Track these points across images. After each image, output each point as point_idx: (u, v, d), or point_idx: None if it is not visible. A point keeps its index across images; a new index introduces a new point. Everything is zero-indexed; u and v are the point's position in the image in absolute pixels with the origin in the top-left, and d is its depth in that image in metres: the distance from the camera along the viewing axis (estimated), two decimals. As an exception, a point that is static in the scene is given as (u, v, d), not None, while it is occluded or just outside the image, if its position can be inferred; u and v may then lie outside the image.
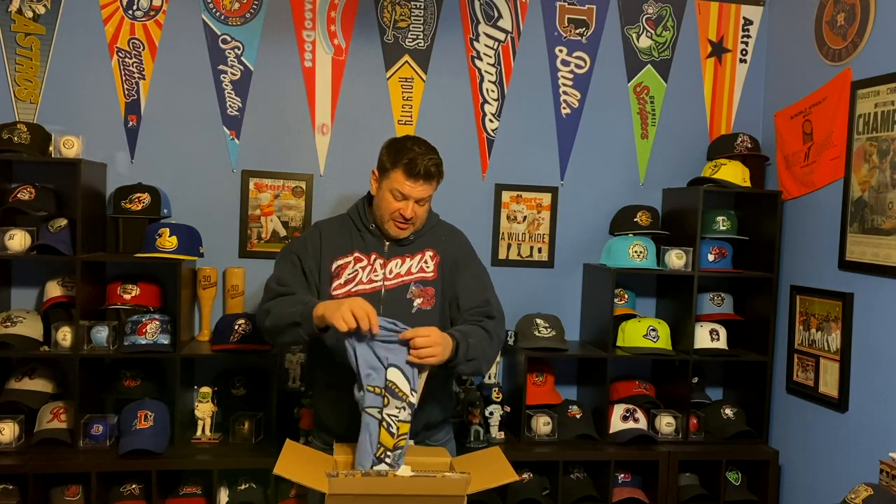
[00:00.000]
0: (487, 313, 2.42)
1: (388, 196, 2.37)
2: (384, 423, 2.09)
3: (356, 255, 2.40)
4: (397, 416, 2.10)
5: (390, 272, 2.39)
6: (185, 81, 3.36)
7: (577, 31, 3.61)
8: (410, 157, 2.34)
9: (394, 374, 2.12)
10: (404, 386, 2.12)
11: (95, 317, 3.15)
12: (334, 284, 2.38)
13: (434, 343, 2.15)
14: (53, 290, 3.16)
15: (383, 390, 2.10)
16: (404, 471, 1.94)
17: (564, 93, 3.62)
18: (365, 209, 2.49)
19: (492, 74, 3.56)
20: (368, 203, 2.51)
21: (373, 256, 2.41)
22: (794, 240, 3.45)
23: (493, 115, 3.57)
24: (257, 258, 3.39)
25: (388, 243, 2.43)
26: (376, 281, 2.37)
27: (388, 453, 2.09)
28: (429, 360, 2.14)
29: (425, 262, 2.43)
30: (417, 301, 2.37)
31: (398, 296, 2.37)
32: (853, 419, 3.06)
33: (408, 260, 2.42)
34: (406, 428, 2.11)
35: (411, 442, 2.20)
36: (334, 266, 2.39)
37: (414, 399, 2.13)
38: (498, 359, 3.50)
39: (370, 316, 2.09)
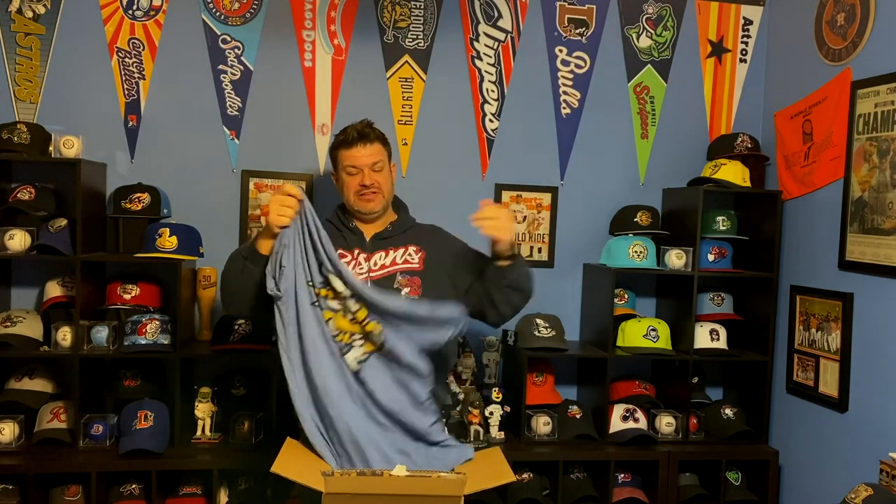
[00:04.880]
0: None
1: (345, 177, 2.48)
2: (338, 312, 2.22)
3: (339, 252, 2.42)
4: (347, 308, 2.22)
5: (375, 264, 2.44)
6: (185, 81, 3.36)
7: (577, 31, 3.61)
8: (343, 131, 2.49)
9: (335, 281, 2.24)
10: (340, 286, 2.24)
11: (95, 317, 3.15)
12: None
13: (503, 217, 2.31)
14: (53, 290, 3.17)
15: (321, 287, 2.24)
16: (400, 470, 1.94)
17: (564, 93, 3.62)
18: (343, 210, 2.58)
19: (492, 74, 3.56)
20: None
21: (356, 251, 2.46)
22: (794, 240, 3.45)
23: (493, 115, 3.57)
24: (257, 258, 3.38)
25: (368, 239, 2.49)
26: (362, 273, 2.41)
27: (356, 338, 2.22)
28: (499, 232, 2.28)
29: (409, 255, 2.48)
30: (405, 290, 2.41)
31: (386, 285, 2.40)
32: (853, 419, 3.06)
33: (391, 252, 2.48)
34: (362, 314, 2.23)
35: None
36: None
37: (350, 292, 2.24)
38: (498, 358, 3.50)
39: (289, 192, 2.23)
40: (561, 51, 3.61)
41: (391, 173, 2.55)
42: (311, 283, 2.24)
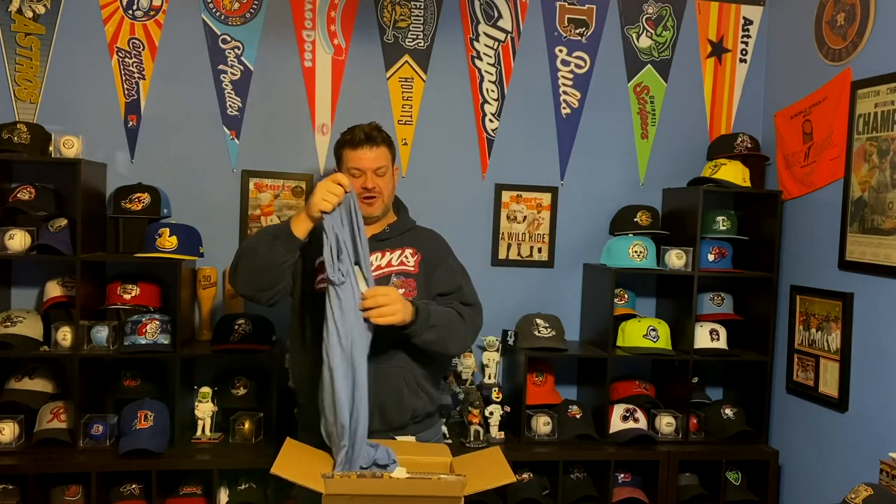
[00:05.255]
0: (459, 298, 2.47)
1: (349, 178, 2.44)
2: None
3: None
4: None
5: (371, 265, 2.42)
6: (185, 81, 3.36)
7: (577, 31, 3.61)
8: (351, 132, 2.48)
9: (356, 272, 2.21)
10: (362, 285, 2.21)
11: (95, 317, 3.15)
12: (318, 278, 2.41)
13: (392, 301, 2.20)
14: (53, 290, 3.17)
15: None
16: (400, 472, 1.94)
17: (564, 93, 3.62)
18: None
19: (492, 74, 3.56)
20: None
21: None
22: (794, 240, 3.45)
23: (493, 115, 3.57)
24: (257, 258, 3.38)
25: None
26: None
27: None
28: (383, 319, 2.18)
29: (405, 257, 2.49)
30: (400, 291, 2.39)
31: (381, 285, 2.39)
32: (853, 419, 3.06)
33: (388, 254, 2.48)
34: None
35: None
36: (317, 262, 2.42)
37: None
38: (498, 358, 3.50)
39: (339, 181, 2.20)
40: (561, 51, 3.60)
41: (394, 177, 2.55)
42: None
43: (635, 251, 3.41)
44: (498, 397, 3.31)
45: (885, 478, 2.56)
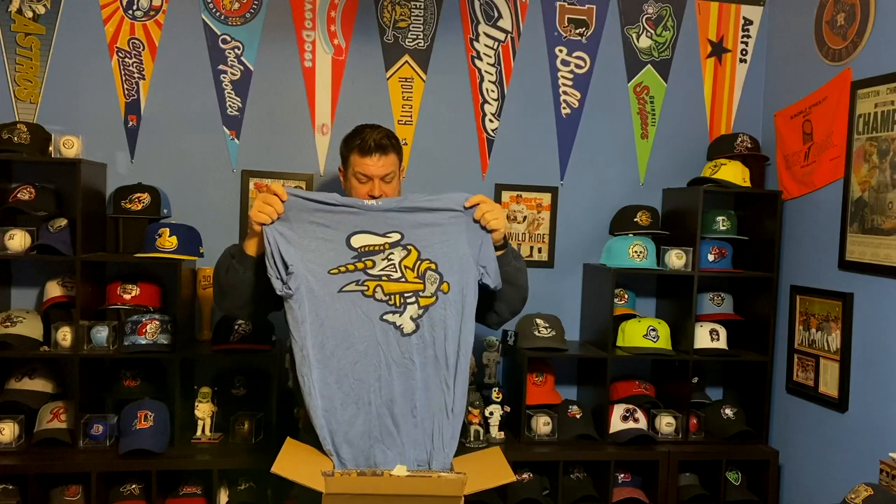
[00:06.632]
0: None
1: (355, 182, 2.44)
2: (382, 279, 2.14)
3: None
4: (394, 262, 2.17)
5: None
6: (185, 81, 3.36)
7: (577, 31, 3.61)
8: (361, 136, 2.43)
9: (359, 240, 2.18)
10: (376, 240, 2.18)
11: (95, 317, 3.15)
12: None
13: (498, 207, 2.27)
14: (53, 290, 3.17)
15: (356, 262, 2.15)
16: (400, 470, 1.94)
17: (564, 93, 3.62)
18: None
19: (492, 74, 3.56)
20: None
21: None
22: (794, 240, 3.45)
23: (493, 115, 3.57)
24: (257, 258, 3.38)
25: None
26: None
27: (407, 296, 2.14)
28: (497, 221, 2.23)
29: None
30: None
31: None
32: (853, 419, 3.06)
33: None
34: (412, 259, 2.17)
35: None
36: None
37: (393, 238, 2.19)
38: (498, 358, 3.50)
39: (274, 191, 2.15)
40: (561, 51, 3.61)
41: (400, 180, 2.52)
42: (339, 270, 2.14)
43: (635, 251, 3.41)
44: (498, 397, 3.31)
45: (885, 478, 2.56)
